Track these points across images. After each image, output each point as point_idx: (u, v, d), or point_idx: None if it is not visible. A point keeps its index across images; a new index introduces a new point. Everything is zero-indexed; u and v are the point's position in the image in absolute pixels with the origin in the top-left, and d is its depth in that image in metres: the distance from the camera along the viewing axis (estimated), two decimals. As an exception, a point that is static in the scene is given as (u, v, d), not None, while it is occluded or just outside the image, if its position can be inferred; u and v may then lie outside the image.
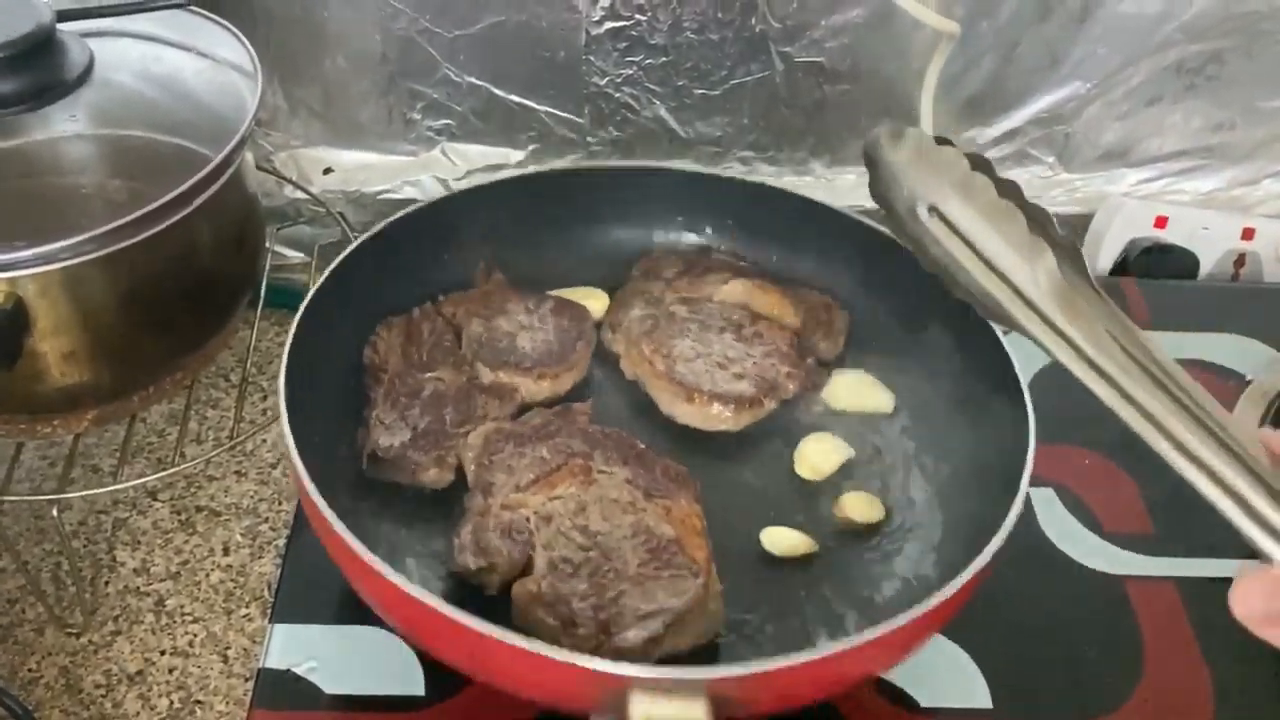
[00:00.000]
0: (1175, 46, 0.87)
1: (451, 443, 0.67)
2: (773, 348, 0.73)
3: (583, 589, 0.58)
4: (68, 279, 0.60)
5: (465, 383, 0.71)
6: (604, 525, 0.62)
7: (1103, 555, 0.70)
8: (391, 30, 0.84)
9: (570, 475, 0.64)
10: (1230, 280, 0.93)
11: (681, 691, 0.49)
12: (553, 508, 0.62)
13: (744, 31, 0.85)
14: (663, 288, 0.76)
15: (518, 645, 0.50)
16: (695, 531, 0.62)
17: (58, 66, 0.65)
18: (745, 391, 0.70)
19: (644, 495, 0.63)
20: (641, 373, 0.73)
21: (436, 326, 0.73)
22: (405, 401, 0.69)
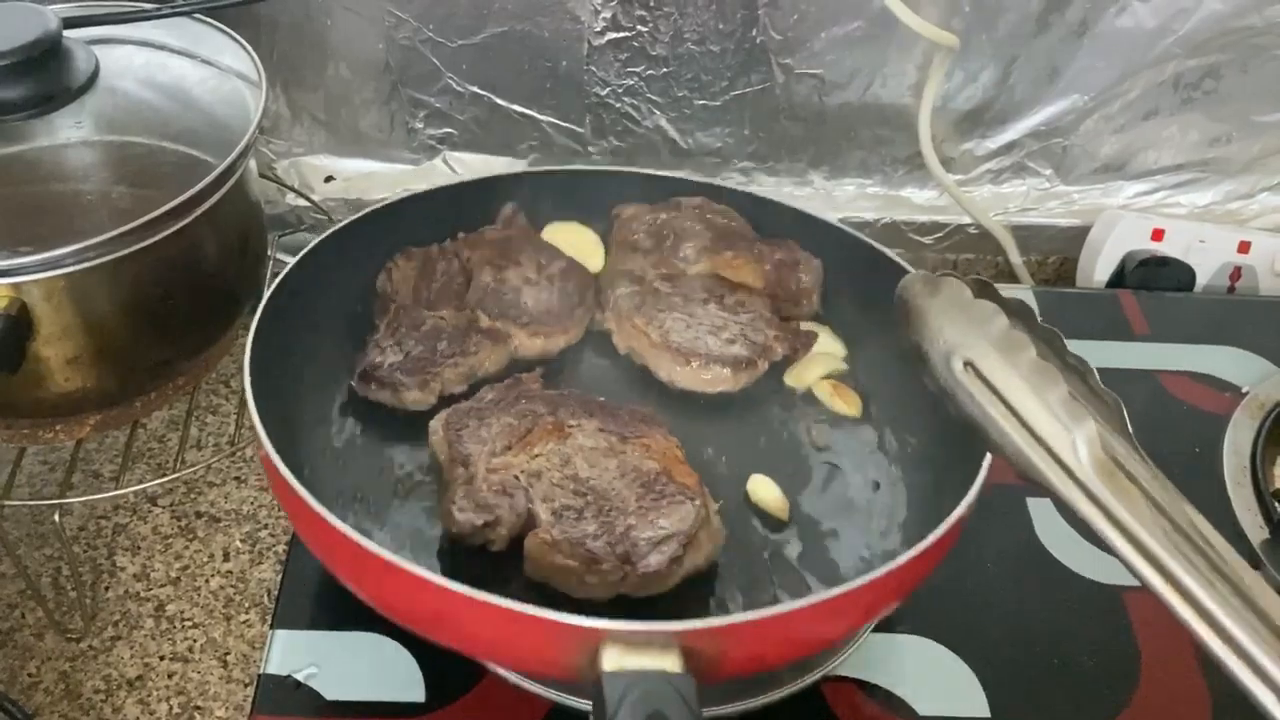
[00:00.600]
0: (1172, 61, 0.88)
1: (438, 370, 0.70)
2: (755, 314, 0.75)
3: (593, 529, 0.60)
4: (72, 285, 0.61)
5: (465, 324, 0.73)
6: (592, 472, 0.63)
7: (1100, 566, 0.70)
8: (395, 39, 0.85)
9: (545, 433, 0.65)
10: (1226, 293, 0.93)
11: (654, 643, 0.49)
12: (538, 464, 0.63)
13: (744, 43, 0.86)
14: (642, 265, 0.77)
15: (489, 602, 0.50)
16: (679, 460, 0.65)
17: (64, 73, 0.66)
18: (740, 354, 0.72)
19: (619, 439, 0.65)
20: (637, 345, 0.74)
21: (450, 268, 0.76)
22: (405, 331, 0.72)
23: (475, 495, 0.61)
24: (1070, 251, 0.96)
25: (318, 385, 0.71)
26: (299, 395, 0.68)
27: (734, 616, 0.51)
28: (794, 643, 0.56)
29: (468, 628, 0.54)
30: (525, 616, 0.50)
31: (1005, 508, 0.73)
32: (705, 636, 0.50)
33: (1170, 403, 0.81)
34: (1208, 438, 0.78)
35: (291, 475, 0.56)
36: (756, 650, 0.54)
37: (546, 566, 0.59)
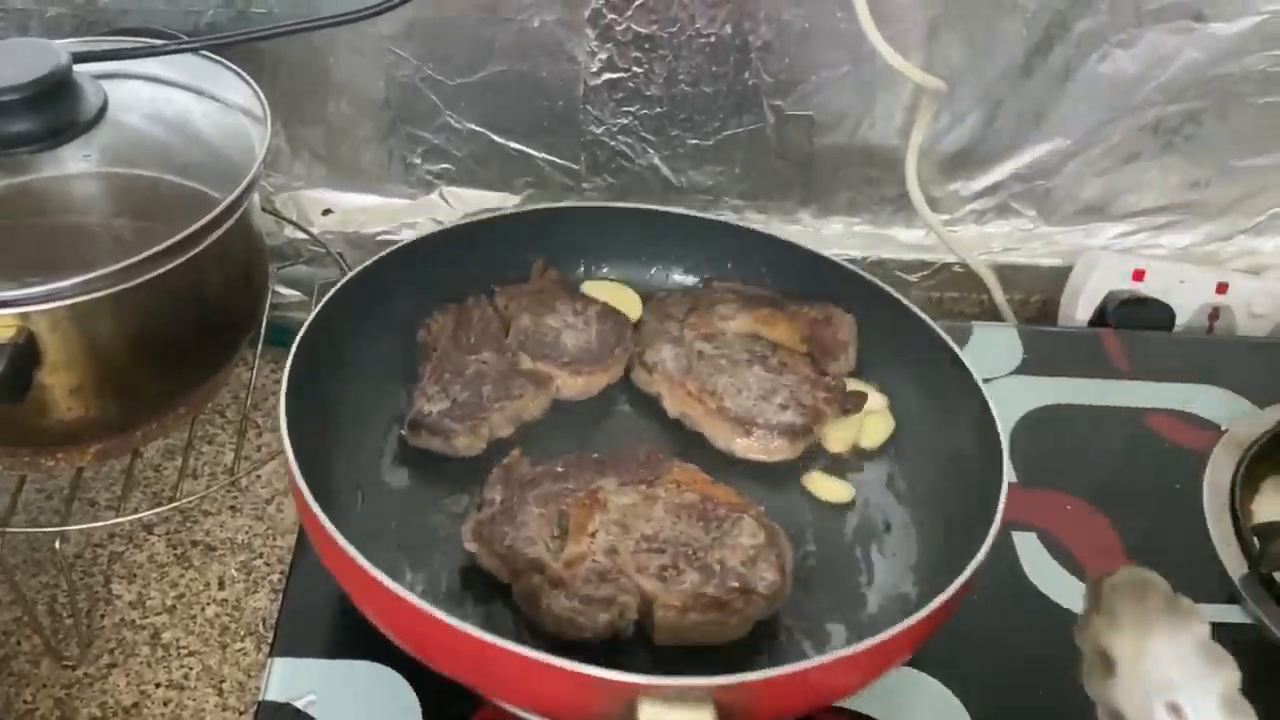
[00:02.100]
0: (1153, 107, 0.90)
1: (486, 415, 0.71)
2: (801, 375, 0.76)
3: (697, 578, 0.62)
4: (78, 315, 0.62)
5: (507, 367, 0.75)
6: (651, 526, 0.64)
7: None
8: (395, 77, 0.86)
9: (586, 510, 0.65)
10: (1205, 332, 0.95)
11: (689, 699, 0.51)
12: (604, 540, 0.64)
13: (737, 85, 0.88)
14: (679, 327, 0.79)
15: (526, 655, 0.51)
16: (709, 483, 0.67)
17: (74, 107, 0.67)
18: (796, 421, 0.73)
19: (647, 486, 0.67)
20: (691, 411, 0.75)
21: (486, 314, 0.78)
22: (449, 377, 0.73)
23: (582, 594, 0.61)
24: (1053, 291, 0.98)
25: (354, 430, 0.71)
26: (333, 440, 0.69)
27: (765, 672, 0.52)
28: (821, 694, 0.58)
29: (508, 680, 0.55)
30: (566, 672, 0.51)
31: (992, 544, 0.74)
32: (737, 691, 0.52)
33: (1151, 440, 0.83)
34: (1188, 474, 0.79)
35: (334, 527, 0.57)
36: (784, 702, 0.56)
37: (684, 630, 0.60)
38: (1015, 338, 0.90)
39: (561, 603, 0.60)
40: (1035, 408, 0.84)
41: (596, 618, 0.60)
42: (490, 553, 0.63)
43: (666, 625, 0.61)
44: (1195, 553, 0.75)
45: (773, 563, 0.63)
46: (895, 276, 0.97)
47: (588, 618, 0.60)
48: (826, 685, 0.57)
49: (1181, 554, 0.75)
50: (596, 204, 0.91)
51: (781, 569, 0.63)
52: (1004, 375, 0.86)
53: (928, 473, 0.73)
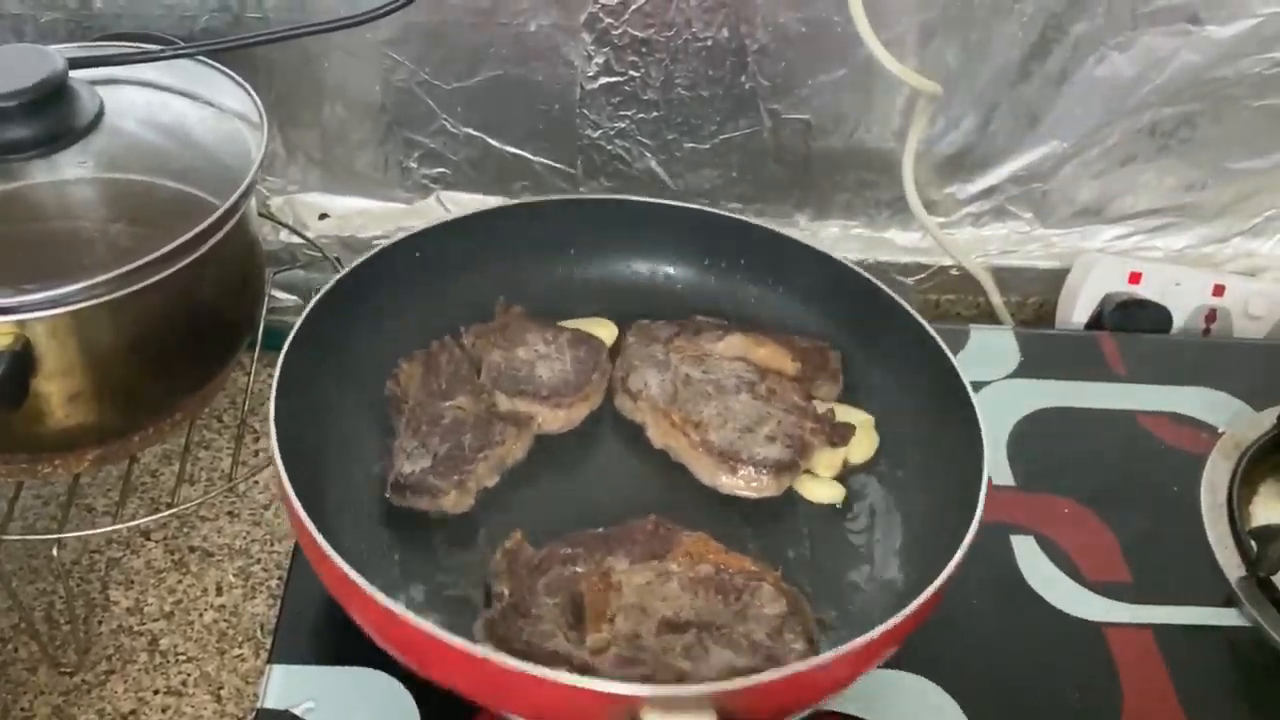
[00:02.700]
0: (1149, 109, 0.90)
1: (471, 468, 0.69)
2: (790, 404, 0.74)
3: (729, 655, 0.60)
4: (76, 322, 0.62)
5: (484, 410, 0.72)
6: (669, 606, 0.62)
7: (1082, 602, 0.72)
8: (391, 81, 0.86)
9: (600, 595, 0.62)
10: (1201, 335, 0.95)
11: (689, 705, 0.51)
12: (625, 627, 0.61)
13: (733, 89, 0.88)
14: (664, 351, 0.77)
15: (526, 671, 0.51)
16: (721, 551, 0.65)
17: (70, 113, 0.67)
18: (783, 457, 0.71)
19: (658, 561, 0.64)
20: (675, 445, 0.73)
21: (455, 357, 0.76)
22: (426, 429, 0.70)
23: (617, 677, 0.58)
24: (1049, 293, 0.98)
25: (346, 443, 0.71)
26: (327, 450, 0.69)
27: (762, 675, 0.53)
28: (816, 692, 0.58)
29: (510, 694, 0.55)
30: (568, 687, 0.51)
31: (990, 545, 0.74)
32: (737, 695, 0.52)
33: (1148, 442, 0.83)
34: (1185, 477, 0.79)
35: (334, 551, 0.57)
36: (782, 701, 0.56)
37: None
38: (1012, 340, 0.90)
39: None
40: (1032, 410, 0.84)
41: None
42: (508, 650, 0.59)
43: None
44: (1192, 556, 0.75)
45: (799, 632, 0.61)
46: (892, 279, 0.98)
47: None
48: (823, 682, 0.57)
49: (1179, 557, 0.75)
50: (595, 196, 0.91)
51: (809, 637, 0.62)
52: (1001, 378, 0.86)
53: (913, 459, 0.73)
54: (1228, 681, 0.69)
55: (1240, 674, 0.69)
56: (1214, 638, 0.71)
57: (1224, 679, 0.69)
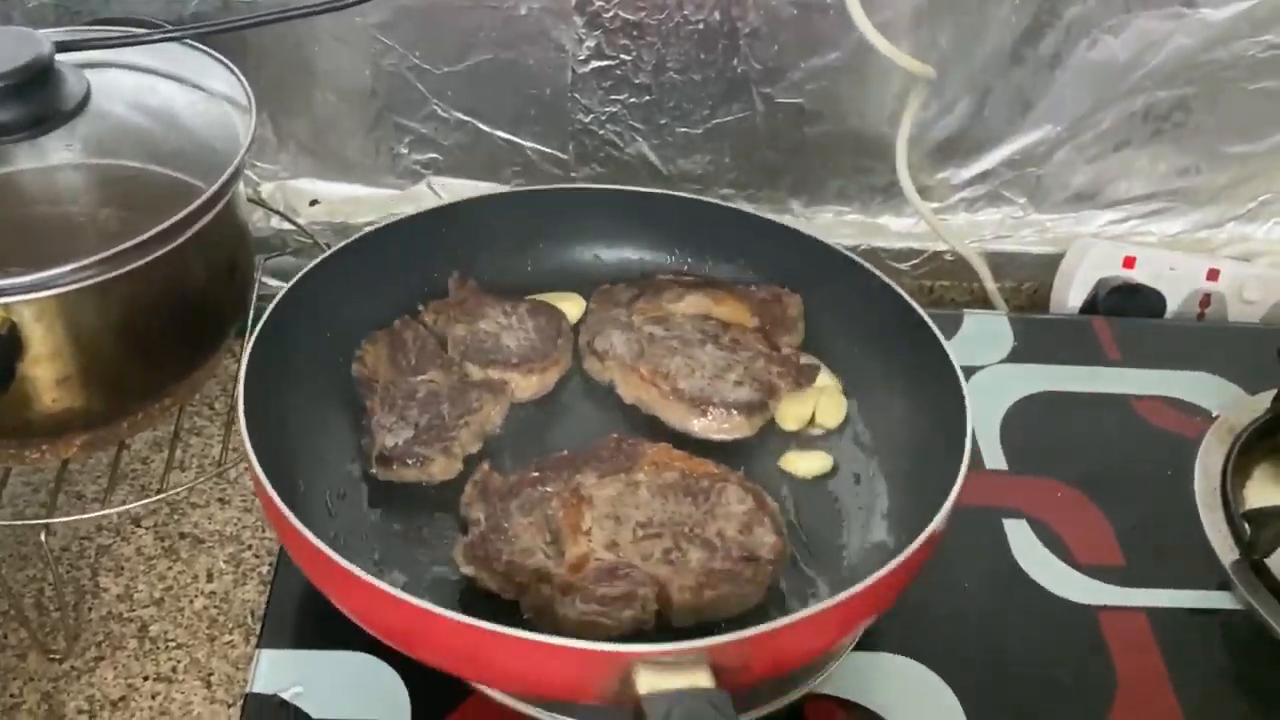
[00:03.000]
0: (1143, 93, 0.90)
1: (454, 434, 0.69)
2: (754, 351, 0.76)
3: (702, 554, 0.62)
4: (63, 305, 0.61)
5: (457, 380, 0.73)
6: (643, 512, 0.64)
7: (1075, 586, 0.72)
8: (381, 66, 0.86)
9: (574, 509, 0.64)
10: (1196, 319, 0.95)
11: (684, 661, 0.51)
12: (602, 537, 0.63)
13: (726, 73, 0.87)
14: (626, 313, 0.78)
15: (521, 637, 0.51)
16: (686, 457, 0.68)
17: (56, 97, 0.66)
18: (753, 397, 0.73)
19: (626, 473, 0.66)
20: (645, 396, 0.75)
21: (419, 334, 0.76)
22: (402, 404, 0.71)
23: (599, 595, 0.60)
24: (1044, 278, 0.98)
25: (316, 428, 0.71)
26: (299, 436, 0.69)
27: (758, 628, 0.53)
28: (813, 646, 0.58)
29: (502, 666, 0.55)
30: (562, 649, 0.51)
31: (982, 529, 0.74)
32: (732, 650, 0.52)
33: (1142, 426, 0.83)
34: (1179, 461, 0.79)
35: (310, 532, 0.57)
36: (780, 657, 0.56)
37: (703, 608, 0.60)
38: (1006, 325, 0.89)
39: (579, 607, 0.59)
40: (1026, 395, 0.84)
41: (620, 615, 0.59)
42: (490, 573, 0.62)
43: (685, 606, 0.60)
44: (1186, 539, 0.75)
45: (767, 525, 0.64)
46: (886, 265, 0.97)
47: (610, 617, 0.59)
48: (818, 635, 0.57)
49: (1172, 540, 0.75)
50: (584, 186, 0.91)
51: (778, 529, 0.64)
52: (995, 363, 0.86)
53: (892, 423, 0.73)
54: (1221, 665, 0.69)
55: (1233, 657, 0.69)
56: (1207, 621, 0.71)
57: (1217, 662, 0.69)
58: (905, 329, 0.73)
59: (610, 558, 0.62)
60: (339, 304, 0.75)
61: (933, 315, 0.73)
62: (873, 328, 0.76)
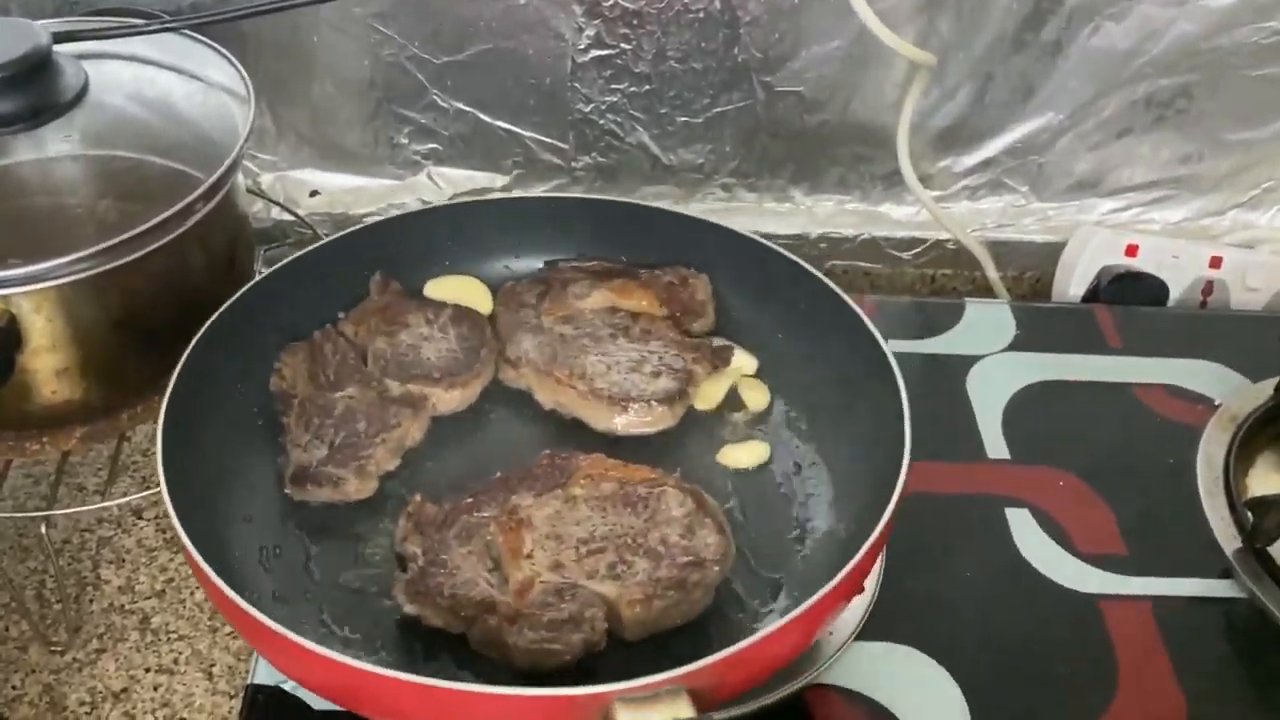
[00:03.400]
0: (1145, 80, 0.90)
1: (369, 452, 0.67)
2: (666, 339, 0.75)
3: (646, 565, 0.61)
4: (61, 297, 0.61)
5: (376, 397, 0.71)
6: (583, 528, 0.63)
7: (1077, 575, 0.71)
8: (380, 56, 0.86)
9: (513, 533, 0.62)
10: (1198, 307, 0.95)
11: (662, 694, 0.50)
12: (545, 559, 0.62)
13: (726, 61, 0.87)
14: (535, 314, 0.77)
15: (491, 693, 0.51)
16: (621, 465, 0.67)
17: (54, 88, 0.66)
18: (671, 386, 0.72)
19: (561, 489, 0.65)
20: (564, 399, 0.73)
21: (339, 346, 0.73)
22: (318, 422, 0.69)
23: (546, 620, 0.58)
24: (1046, 267, 0.98)
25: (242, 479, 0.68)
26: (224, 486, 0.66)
27: (731, 648, 0.52)
28: (784, 654, 0.58)
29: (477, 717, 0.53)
30: (536, 699, 0.50)
31: (984, 518, 0.74)
32: (707, 673, 0.51)
33: (1145, 415, 0.82)
34: (1181, 449, 0.79)
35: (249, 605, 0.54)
36: (754, 670, 0.56)
37: (654, 620, 0.59)
38: (1008, 314, 0.89)
39: (527, 636, 0.58)
40: (1028, 384, 0.83)
41: (570, 640, 0.58)
42: (434, 609, 0.60)
43: (636, 621, 0.59)
44: (1189, 527, 0.74)
45: (710, 526, 0.63)
46: (888, 255, 0.97)
47: (561, 642, 0.57)
48: (786, 644, 0.57)
49: (1174, 529, 0.75)
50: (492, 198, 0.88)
51: (720, 528, 0.63)
52: (997, 351, 0.86)
53: (825, 406, 0.72)
54: (1223, 653, 0.69)
55: (1236, 645, 0.69)
56: (1210, 609, 0.70)
57: (1219, 650, 0.69)
58: (825, 308, 0.72)
59: (555, 579, 0.60)
60: (259, 328, 0.72)
61: (934, 304, 0.73)
62: (790, 311, 0.75)
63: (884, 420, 0.64)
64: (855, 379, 0.69)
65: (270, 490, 0.67)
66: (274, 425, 0.70)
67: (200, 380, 0.66)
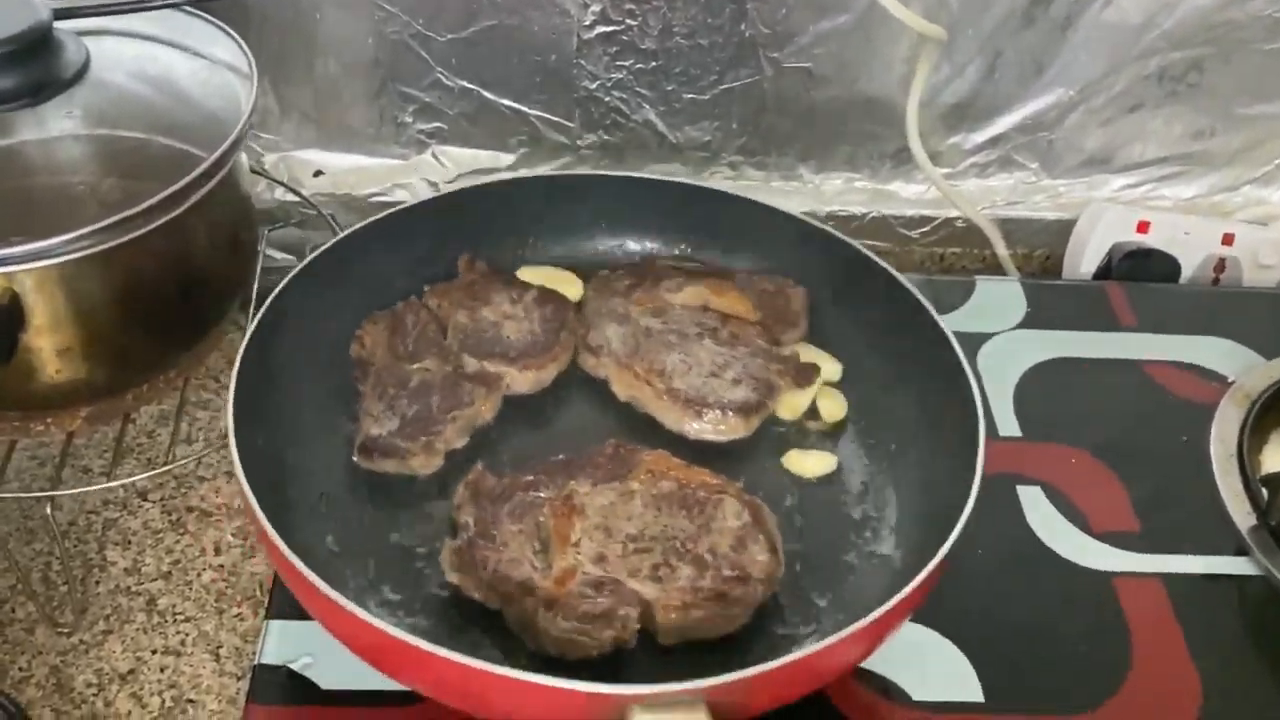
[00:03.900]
0: (1157, 54, 0.89)
1: (439, 428, 0.68)
2: (754, 347, 0.74)
3: (691, 572, 0.60)
4: (64, 275, 0.61)
5: (451, 372, 0.71)
6: (634, 524, 0.62)
7: (1091, 553, 0.71)
8: (384, 34, 0.85)
9: (565, 519, 0.62)
10: (1211, 284, 0.94)
11: (681, 703, 0.50)
12: (591, 549, 0.61)
13: (733, 37, 0.86)
14: (624, 304, 0.76)
15: (511, 677, 0.50)
16: (684, 466, 0.66)
17: (54, 64, 0.66)
18: (750, 398, 0.71)
19: (621, 482, 0.64)
20: (640, 395, 0.72)
21: (420, 318, 0.74)
22: (393, 392, 0.70)
23: (580, 612, 0.58)
24: (1057, 245, 0.97)
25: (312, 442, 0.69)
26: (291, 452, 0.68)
27: (756, 668, 0.51)
28: (814, 679, 0.57)
29: (496, 702, 0.54)
30: (554, 690, 0.50)
31: (996, 497, 0.73)
32: (729, 689, 0.51)
33: (1157, 392, 0.82)
34: (1194, 427, 0.78)
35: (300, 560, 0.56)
36: (778, 692, 0.55)
37: (688, 628, 0.59)
38: (1019, 291, 0.88)
39: (560, 625, 0.58)
40: (1040, 361, 0.83)
41: (600, 635, 0.57)
42: (475, 582, 0.60)
43: (670, 627, 0.59)
44: (1202, 505, 0.74)
45: (762, 543, 0.62)
46: (897, 233, 0.96)
47: (590, 636, 0.57)
48: (818, 670, 0.56)
49: (1188, 506, 0.74)
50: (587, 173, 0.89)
51: (772, 548, 0.62)
52: (1008, 329, 0.85)
53: (903, 429, 0.71)
54: (1238, 630, 0.68)
55: (1251, 622, 0.69)
56: (1224, 587, 0.70)
57: (1234, 627, 0.68)
58: (916, 331, 0.71)
59: (597, 571, 0.60)
60: (343, 289, 0.74)
61: (943, 282, 0.72)
62: (882, 327, 0.74)
63: (959, 455, 0.63)
64: (937, 407, 0.68)
65: (339, 442, 0.69)
66: (346, 374, 0.72)
67: (282, 320, 0.68)
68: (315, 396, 0.71)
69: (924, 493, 0.67)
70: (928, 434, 0.69)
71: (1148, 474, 0.76)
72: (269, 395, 0.66)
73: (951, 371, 0.67)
